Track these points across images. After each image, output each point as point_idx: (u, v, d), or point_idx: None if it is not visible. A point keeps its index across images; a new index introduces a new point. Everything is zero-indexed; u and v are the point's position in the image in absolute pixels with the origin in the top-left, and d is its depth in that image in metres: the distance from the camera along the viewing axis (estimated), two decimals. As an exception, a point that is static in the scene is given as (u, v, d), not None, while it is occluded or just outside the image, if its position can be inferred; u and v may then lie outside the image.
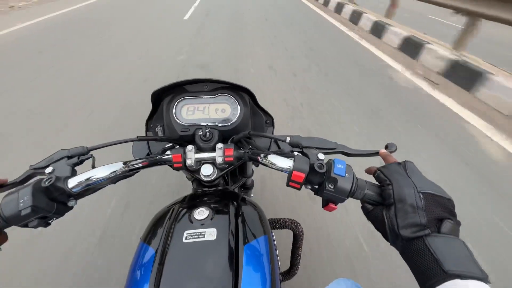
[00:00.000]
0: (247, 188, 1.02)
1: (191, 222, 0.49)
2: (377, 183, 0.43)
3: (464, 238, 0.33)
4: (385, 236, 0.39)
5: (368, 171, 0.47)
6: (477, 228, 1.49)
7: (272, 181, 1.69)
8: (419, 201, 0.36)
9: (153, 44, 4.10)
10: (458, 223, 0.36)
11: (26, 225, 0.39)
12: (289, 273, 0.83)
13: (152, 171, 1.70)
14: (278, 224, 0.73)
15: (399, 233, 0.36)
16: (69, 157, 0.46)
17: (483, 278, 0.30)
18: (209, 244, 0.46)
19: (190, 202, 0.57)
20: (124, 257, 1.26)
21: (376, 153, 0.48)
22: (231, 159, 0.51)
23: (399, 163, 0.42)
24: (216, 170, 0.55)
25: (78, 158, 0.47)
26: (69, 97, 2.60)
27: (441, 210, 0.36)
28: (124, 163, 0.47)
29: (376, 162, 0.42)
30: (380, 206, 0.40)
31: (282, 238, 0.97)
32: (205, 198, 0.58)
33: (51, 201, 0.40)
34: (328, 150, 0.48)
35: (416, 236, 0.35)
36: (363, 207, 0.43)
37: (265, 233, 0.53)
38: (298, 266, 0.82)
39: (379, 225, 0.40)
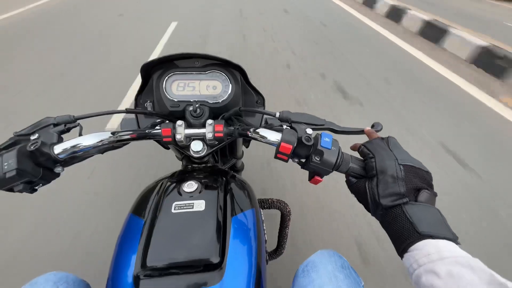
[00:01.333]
0: (237, 170, 1.03)
1: (180, 194, 0.50)
2: (361, 158, 0.44)
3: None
4: (366, 207, 0.42)
5: (353, 147, 0.48)
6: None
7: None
8: (400, 172, 0.39)
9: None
10: (435, 194, 0.39)
11: (11, 189, 0.38)
12: (276, 252, 0.86)
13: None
14: (266, 204, 0.75)
15: (380, 202, 0.38)
16: (55, 125, 0.45)
17: (453, 239, 0.33)
18: (197, 215, 0.47)
19: (180, 177, 0.57)
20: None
21: (361, 131, 0.50)
22: (221, 135, 0.52)
23: (382, 138, 0.44)
24: (206, 146, 0.55)
25: (65, 126, 0.46)
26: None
27: (419, 181, 0.39)
28: (113, 133, 0.47)
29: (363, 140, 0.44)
30: (363, 179, 0.42)
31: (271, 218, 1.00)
32: (195, 173, 0.59)
33: (37, 166, 0.40)
34: (316, 126, 0.49)
35: (395, 204, 0.37)
36: (347, 181, 0.45)
37: (253, 206, 0.54)
38: (285, 245, 0.84)
39: (362, 196, 0.42)
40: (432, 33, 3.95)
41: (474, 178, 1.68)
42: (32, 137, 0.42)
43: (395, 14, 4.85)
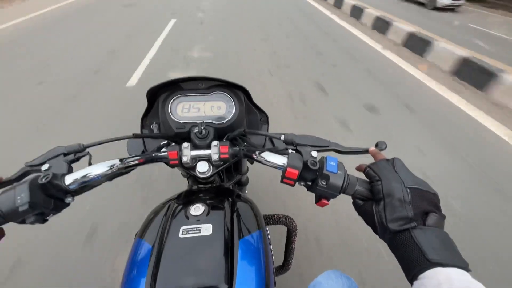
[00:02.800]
0: (242, 184, 1.03)
1: (187, 218, 0.50)
2: (367, 179, 0.45)
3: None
4: (374, 229, 0.41)
5: (359, 168, 0.48)
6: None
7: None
8: (406, 196, 0.38)
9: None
10: (443, 216, 0.38)
11: (23, 221, 0.39)
12: (283, 267, 0.85)
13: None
14: (272, 220, 0.75)
15: (388, 226, 0.38)
16: (65, 154, 0.46)
17: (464, 267, 0.32)
18: (205, 239, 0.47)
19: (186, 199, 0.58)
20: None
21: (366, 151, 0.50)
22: (227, 156, 0.52)
23: (387, 160, 0.44)
24: (211, 167, 0.56)
25: (75, 155, 0.47)
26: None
27: (427, 204, 0.38)
28: (121, 160, 0.48)
29: (367, 160, 0.44)
30: (370, 201, 0.42)
31: (276, 234, 0.99)
32: (201, 195, 0.59)
33: (48, 197, 0.41)
34: (321, 148, 0.49)
35: (403, 228, 0.37)
36: (354, 203, 0.45)
37: (260, 228, 0.54)
38: (292, 260, 0.84)
39: (369, 219, 0.42)
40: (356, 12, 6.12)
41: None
42: (43, 168, 0.43)
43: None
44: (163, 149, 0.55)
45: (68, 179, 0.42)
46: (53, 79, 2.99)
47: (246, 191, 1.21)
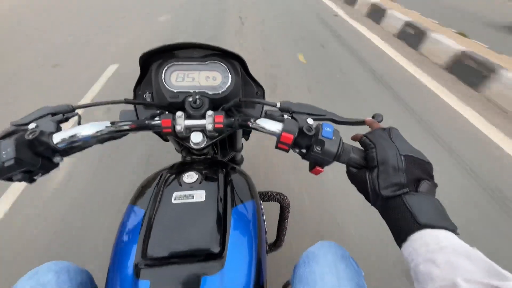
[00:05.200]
0: (236, 163, 1.02)
1: (180, 185, 0.50)
2: (362, 148, 0.44)
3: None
4: (367, 197, 0.42)
5: (354, 137, 0.48)
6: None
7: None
8: (400, 163, 0.38)
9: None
10: (435, 185, 0.39)
11: (10, 179, 0.38)
12: (275, 244, 0.86)
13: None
14: (266, 196, 0.75)
15: (380, 193, 0.38)
16: (54, 114, 0.45)
17: (453, 229, 0.33)
18: (197, 205, 0.47)
19: (179, 168, 0.57)
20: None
21: (362, 122, 0.49)
22: (221, 126, 0.51)
23: (383, 129, 0.44)
24: (205, 138, 0.55)
25: (63, 115, 0.46)
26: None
27: (420, 171, 0.39)
28: (112, 123, 0.46)
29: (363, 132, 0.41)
30: (364, 169, 0.42)
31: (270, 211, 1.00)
32: (195, 165, 0.59)
33: (36, 155, 0.40)
34: (317, 116, 0.48)
35: (395, 194, 0.37)
36: (348, 171, 0.45)
37: (253, 198, 0.54)
38: (284, 238, 0.85)
39: (362, 187, 0.42)
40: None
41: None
42: (30, 126, 0.42)
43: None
44: (157, 118, 0.53)
45: (56, 138, 0.41)
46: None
47: None
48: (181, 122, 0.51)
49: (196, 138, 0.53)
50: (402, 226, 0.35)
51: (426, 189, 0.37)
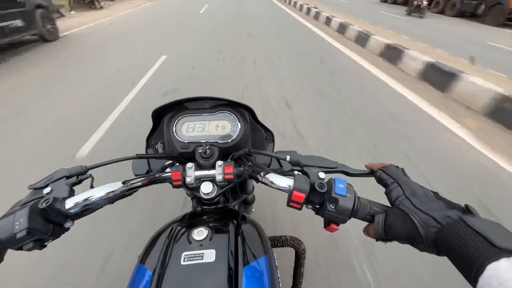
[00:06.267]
0: (248, 203, 1.00)
1: (190, 242, 0.48)
2: (378, 203, 0.42)
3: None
4: (413, 235, 0.34)
5: (369, 166, 0.46)
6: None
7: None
8: (429, 193, 0.36)
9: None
10: None
11: (20, 248, 0.38)
12: None
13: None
14: (279, 242, 0.71)
15: (431, 215, 0.32)
16: (68, 177, 0.46)
17: None
18: (207, 266, 0.44)
19: (189, 221, 0.56)
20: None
21: (373, 173, 0.47)
22: (231, 176, 0.51)
23: (397, 167, 0.43)
24: (216, 187, 0.54)
25: (77, 177, 0.47)
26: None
27: (454, 203, 0.35)
28: (123, 183, 0.47)
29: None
30: (393, 208, 0.37)
31: (285, 256, 0.95)
32: (205, 217, 0.57)
33: (48, 222, 0.40)
34: (328, 169, 0.47)
35: (451, 214, 0.32)
36: (376, 224, 0.37)
37: (266, 253, 0.51)
38: (301, 285, 0.79)
39: (402, 224, 0.35)
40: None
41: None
42: (45, 191, 0.43)
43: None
44: (167, 169, 0.54)
45: (69, 203, 0.42)
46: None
47: (253, 210, 1.18)
48: (191, 173, 0.51)
49: (206, 188, 0.53)
50: (474, 254, 0.28)
51: (476, 214, 0.32)
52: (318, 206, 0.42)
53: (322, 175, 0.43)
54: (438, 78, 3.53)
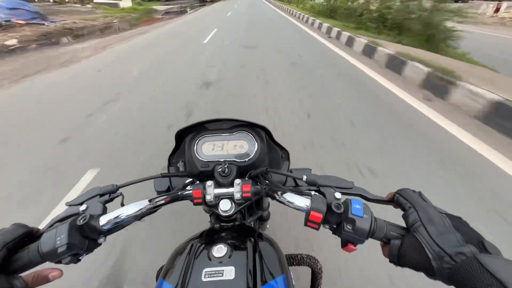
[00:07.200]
0: (263, 220, 1.01)
1: (210, 259, 0.50)
2: (396, 224, 0.42)
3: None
4: (427, 268, 0.34)
5: (390, 195, 0.46)
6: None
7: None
8: (446, 221, 0.35)
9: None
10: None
11: (59, 262, 0.42)
12: None
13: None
14: (295, 260, 0.72)
15: (445, 251, 0.32)
16: (101, 195, 0.50)
17: None
18: (227, 284, 0.46)
19: (208, 238, 0.58)
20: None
21: (392, 201, 0.48)
22: (249, 195, 0.53)
23: (414, 191, 0.43)
24: (234, 205, 0.57)
25: (109, 196, 0.51)
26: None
27: (469, 230, 0.34)
28: (149, 201, 0.50)
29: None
30: (408, 235, 0.37)
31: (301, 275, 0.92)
32: (223, 234, 0.59)
33: (84, 238, 0.43)
34: (344, 190, 0.48)
35: (464, 251, 0.31)
36: (387, 250, 0.39)
37: (283, 272, 0.52)
38: None
39: (416, 254, 0.35)
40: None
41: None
42: (81, 208, 0.47)
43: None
44: (188, 187, 0.57)
45: (103, 220, 0.45)
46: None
47: (268, 226, 1.18)
48: (211, 191, 0.54)
49: (225, 206, 0.55)
50: None
51: (495, 251, 0.31)
52: (335, 226, 0.44)
53: (338, 195, 0.45)
54: None
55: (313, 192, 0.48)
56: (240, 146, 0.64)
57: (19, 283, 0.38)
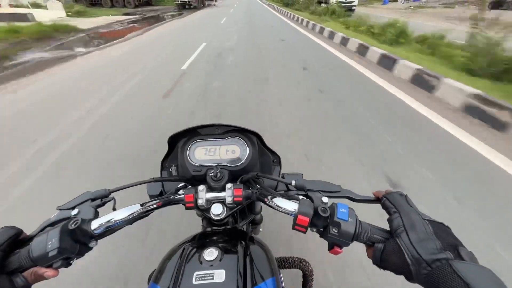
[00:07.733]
0: (256, 223, 1.02)
1: (201, 263, 0.51)
2: (379, 227, 0.44)
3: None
4: (406, 271, 0.36)
5: (376, 193, 0.48)
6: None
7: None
8: (428, 228, 0.37)
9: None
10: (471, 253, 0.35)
11: (50, 266, 0.42)
12: None
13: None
14: (286, 263, 0.73)
15: (422, 258, 0.34)
16: (93, 199, 0.51)
17: None
18: (218, 286, 0.47)
19: (200, 241, 0.59)
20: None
21: (378, 200, 0.50)
22: (240, 199, 0.54)
23: (400, 194, 0.44)
24: (225, 209, 0.58)
25: (101, 200, 0.51)
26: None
27: (451, 237, 0.36)
28: (141, 205, 0.51)
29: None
30: (391, 239, 0.39)
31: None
32: (214, 238, 0.60)
33: (75, 242, 0.44)
34: (332, 193, 0.50)
35: (439, 258, 0.33)
36: (371, 251, 0.41)
37: (273, 274, 0.53)
38: None
39: (397, 258, 0.37)
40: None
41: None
42: (73, 213, 0.47)
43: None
44: (180, 191, 0.58)
45: (94, 224, 0.46)
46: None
47: (261, 229, 1.19)
48: (203, 195, 0.55)
49: (217, 210, 0.56)
50: None
51: (470, 257, 0.33)
52: (322, 230, 0.45)
53: (325, 199, 0.46)
54: None
55: (301, 197, 0.49)
56: (232, 151, 0.65)
57: (20, 281, 0.40)
